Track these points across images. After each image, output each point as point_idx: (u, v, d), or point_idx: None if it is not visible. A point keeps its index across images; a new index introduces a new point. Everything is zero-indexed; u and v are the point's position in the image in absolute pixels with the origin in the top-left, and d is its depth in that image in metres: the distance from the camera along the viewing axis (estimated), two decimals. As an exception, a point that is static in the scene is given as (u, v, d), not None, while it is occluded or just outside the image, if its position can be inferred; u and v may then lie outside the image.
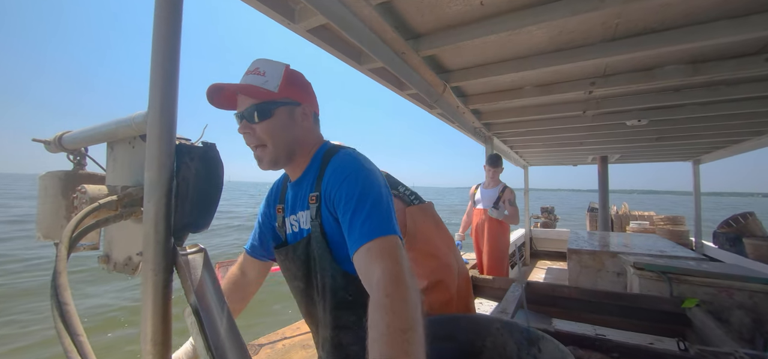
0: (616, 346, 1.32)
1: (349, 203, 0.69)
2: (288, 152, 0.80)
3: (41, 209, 1.07)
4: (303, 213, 0.82)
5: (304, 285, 0.85)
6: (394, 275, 0.57)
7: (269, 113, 0.76)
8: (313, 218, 0.78)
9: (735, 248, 4.96)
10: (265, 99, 0.76)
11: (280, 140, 0.78)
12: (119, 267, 0.92)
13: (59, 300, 0.65)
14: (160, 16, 0.77)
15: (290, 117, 0.79)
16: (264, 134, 0.77)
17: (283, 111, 0.78)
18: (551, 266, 5.84)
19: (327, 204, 0.75)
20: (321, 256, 0.77)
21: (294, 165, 0.84)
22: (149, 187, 0.76)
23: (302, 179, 0.84)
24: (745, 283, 1.93)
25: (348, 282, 0.76)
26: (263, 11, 1.45)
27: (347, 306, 0.78)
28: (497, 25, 1.61)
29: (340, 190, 0.71)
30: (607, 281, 2.95)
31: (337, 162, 0.77)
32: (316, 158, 0.83)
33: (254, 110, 0.76)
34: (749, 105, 2.70)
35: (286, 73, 0.79)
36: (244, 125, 0.78)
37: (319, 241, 0.76)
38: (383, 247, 0.63)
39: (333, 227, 0.75)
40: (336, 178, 0.73)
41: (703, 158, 5.70)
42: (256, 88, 0.76)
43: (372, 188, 0.71)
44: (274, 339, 2.35)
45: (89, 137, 1.03)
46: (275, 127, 0.77)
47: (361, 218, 0.66)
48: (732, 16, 1.56)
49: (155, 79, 0.77)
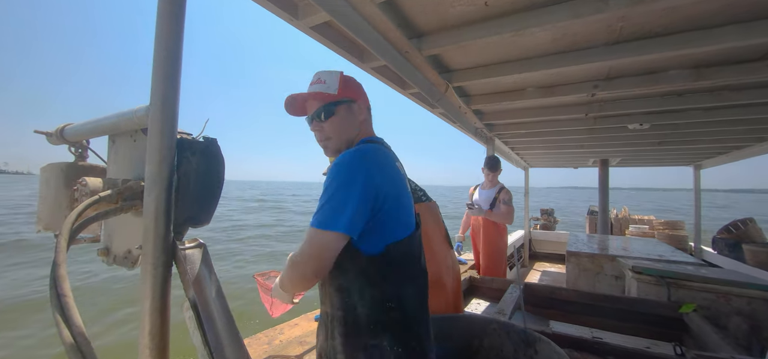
0: (613, 349, 1.32)
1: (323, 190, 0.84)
2: (348, 142, 0.96)
3: (42, 201, 1.07)
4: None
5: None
6: (295, 258, 0.82)
7: (332, 111, 0.94)
8: None
9: (734, 254, 4.96)
10: (329, 100, 0.93)
11: (343, 132, 0.95)
12: (119, 260, 0.92)
13: (58, 292, 0.66)
14: (163, 12, 0.77)
15: (349, 111, 0.96)
16: (330, 128, 0.94)
17: (343, 108, 0.95)
18: (550, 269, 5.84)
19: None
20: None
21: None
22: (150, 181, 0.77)
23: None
24: (743, 289, 1.94)
25: (353, 255, 0.84)
26: (266, 7, 1.45)
27: (346, 276, 0.87)
28: (501, 25, 1.60)
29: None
30: (605, 284, 2.95)
31: (340, 155, 0.88)
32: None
33: (321, 110, 0.94)
34: (752, 111, 2.69)
35: (341, 78, 0.96)
36: (314, 124, 0.96)
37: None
38: (312, 236, 0.79)
39: None
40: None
41: (705, 163, 5.69)
42: (321, 93, 0.93)
43: (336, 180, 0.81)
44: (272, 335, 2.36)
45: (91, 130, 1.03)
46: (338, 121, 0.94)
47: (318, 205, 0.80)
48: (737, 22, 1.56)
49: (157, 74, 0.77)
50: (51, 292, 0.66)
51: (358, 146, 0.91)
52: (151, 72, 0.77)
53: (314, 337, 2.45)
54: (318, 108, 0.94)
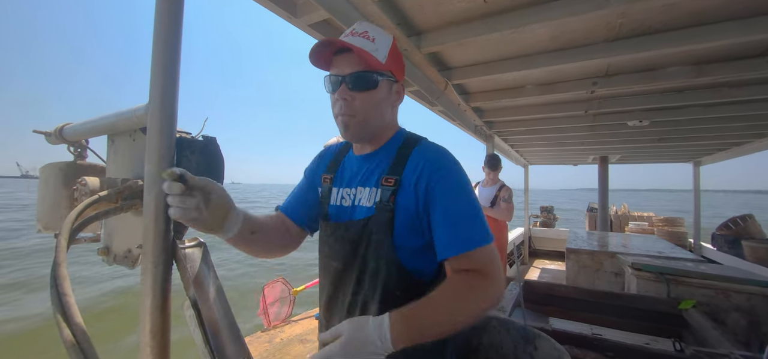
0: (613, 346, 1.33)
1: (452, 202, 0.68)
2: (376, 127, 0.77)
3: (42, 201, 1.07)
4: (365, 190, 0.76)
5: (342, 268, 0.78)
6: (485, 286, 0.65)
7: (375, 82, 0.73)
8: (383, 201, 0.71)
9: (733, 251, 4.97)
10: (374, 68, 0.72)
11: (376, 114, 0.75)
12: (119, 260, 0.92)
13: (59, 291, 0.66)
14: (161, 10, 0.77)
15: (389, 92, 0.77)
16: (361, 103, 0.73)
17: (385, 85, 0.75)
18: (549, 266, 5.85)
19: (416, 192, 0.70)
20: (380, 242, 0.71)
21: (371, 139, 0.80)
22: (149, 180, 0.77)
23: (373, 156, 0.79)
24: (742, 285, 1.94)
25: (402, 277, 0.71)
26: (265, 5, 1.44)
27: (394, 302, 0.69)
28: (500, 23, 1.60)
29: (443, 183, 0.69)
30: (605, 281, 2.96)
31: (435, 152, 0.74)
32: (396, 140, 0.80)
33: (361, 77, 0.71)
34: (752, 107, 2.69)
35: (394, 44, 0.77)
36: (342, 90, 0.72)
37: (382, 227, 0.70)
38: (487, 256, 0.67)
39: (410, 218, 0.70)
40: (437, 168, 0.70)
41: (704, 159, 5.69)
42: (365, 53, 0.70)
43: (470, 189, 0.71)
44: (273, 333, 2.36)
45: (90, 129, 1.03)
46: (376, 99, 0.74)
47: (469, 222, 0.67)
48: (736, 18, 1.55)
49: (156, 73, 0.77)
50: (52, 292, 0.66)
51: (431, 142, 0.78)
52: (150, 70, 0.77)
53: (314, 335, 2.46)
54: (356, 72, 0.72)
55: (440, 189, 0.69)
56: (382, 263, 0.71)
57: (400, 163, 0.74)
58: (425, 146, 0.76)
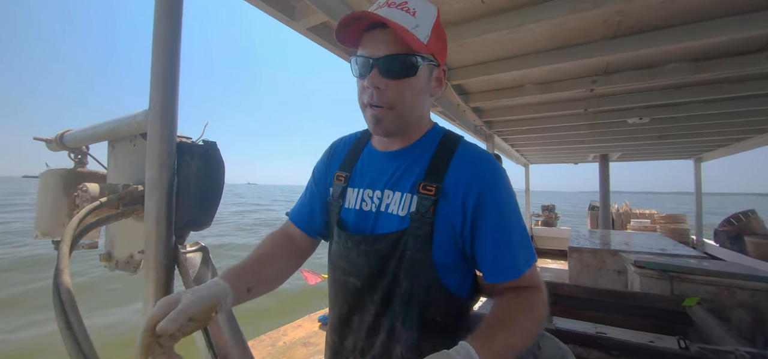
0: (617, 344, 1.32)
1: (504, 222, 0.61)
2: (413, 119, 0.65)
3: (41, 207, 1.07)
4: (395, 195, 0.65)
5: (362, 285, 0.66)
6: (540, 297, 0.62)
7: (414, 68, 0.59)
8: (420, 212, 0.60)
9: (736, 247, 4.95)
10: (415, 50, 0.58)
11: (415, 105, 0.63)
12: (121, 265, 0.92)
13: (62, 298, 0.66)
14: (160, 15, 0.77)
15: (429, 79, 0.64)
16: (396, 94, 0.60)
17: (425, 70, 0.62)
18: (552, 265, 5.84)
19: (464, 205, 0.61)
20: (417, 260, 0.61)
21: (402, 134, 0.68)
22: (150, 185, 0.77)
23: (406, 154, 0.67)
24: (746, 282, 1.93)
25: (442, 297, 0.63)
26: (263, 9, 1.45)
27: (433, 328, 0.63)
28: (498, 22, 1.61)
29: (495, 197, 0.61)
30: (607, 279, 2.95)
31: (483, 162, 0.63)
32: (432, 138, 0.68)
33: (398, 61, 0.58)
34: (752, 103, 2.69)
35: (437, 21, 0.63)
36: (374, 75, 0.59)
37: (420, 241, 0.60)
38: (533, 273, 0.63)
39: (452, 231, 0.61)
40: (489, 179, 0.61)
41: (705, 156, 5.68)
42: (407, 32, 0.57)
43: (517, 204, 0.65)
44: (276, 336, 2.36)
45: (90, 136, 1.03)
46: (415, 88, 0.61)
47: (519, 245, 0.61)
48: (735, 14, 1.55)
49: (156, 78, 0.77)
50: (54, 298, 0.66)
51: (481, 150, 0.67)
52: (150, 76, 0.77)
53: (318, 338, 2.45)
54: (393, 54, 0.58)
55: (490, 206, 0.60)
56: (418, 283, 0.61)
57: (440, 167, 0.63)
58: (469, 150, 0.65)
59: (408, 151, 0.67)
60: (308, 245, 0.81)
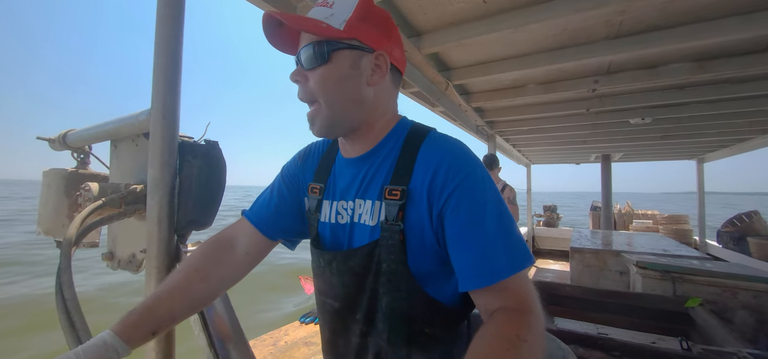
0: (619, 345, 1.32)
1: (478, 216, 0.52)
2: (348, 114, 0.59)
3: (43, 205, 1.08)
4: (366, 204, 0.61)
5: (340, 306, 0.62)
6: (530, 321, 0.49)
7: (325, 56, 0.56)
8: (390, 220, 0.56)
9: (739, 248, 4.93)
10: (324, 37, 0.56)
11: (336, 95, 0.58)
12: (123, 265, 0.92)
13: (64, 297, 0.66)
14: (163, 16, 0.77)
15: (354, 67, 0.57)
16: (315, 84, 0.57)
17: (345, 56, 0.57)
18: (553, 265, 5.82)
19: (430, 205, 0.55)
20: (394, 272, 0.56)
21: (357, 135, 0.63)
22: (152, 185, 0.77)
23: (370, 158, 0.62)
24: (749, 283, 1.92)
25: (428, 308, 0.57)
26: (263, 8, 1.45)
27: (423, 343, 0.58)
28: (500, 22, 1.60)
29: (462, 192, 0.53)
30: (609, 280, 2.94)
31: (451, 152, 0.57)
32: (396, 136, 0.63)
33: (308, 50, 0.57)
34: (755, 103, 2.67)
35: (360, 5, 0.58)
36: (296, 71, 0.60)
37: (394, 251, 0.56)
38: (523, 283, 0.52)
39: (425, 236, 0.56)
40: (453, 173, 0.54)
41: (708, 156, 5.66)
42: (316, 23, 0.56)
43: (499, 197, 0.56)
44: (277, 336, 2.36)
45: (93, 136, 1.04)
46: (330, 76, 0.57)
47: (499, 242, 0.52)
48: (738, 13, 1.55)
49: (158, 78, 0.77)
50: (57, 297, 0.66)
51: (442, 133, 0.61)
52: (152, 76, 0.77)
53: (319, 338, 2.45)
54: (305, 45, 0.58)
55: (459, 200, 0.53)
56: (399, 296, 0.56)
57: (406, 166, 0.58)
58: (436, 141, 0.59)
59: (374, 153, 0.62)
60: (263, 247, 0.70)
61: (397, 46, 0.63)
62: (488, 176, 0.56)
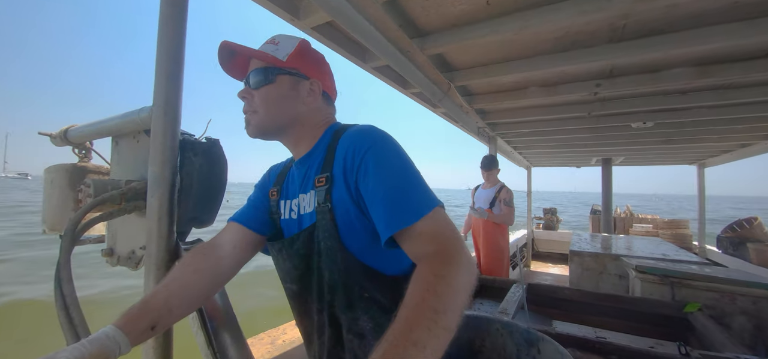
0: (617, 349, 1.32)
1: (379, 177, 0.60)
2: (279, 124, 0.73)
3: (48, 202, 1.08)
4: (305, 196, 0.72)
5: (297, 287, 0.72)
6: (448, 254, 0.53)
7: (270, 78, 0.71)
8: (320, 203, 0.66)
9: (739, 253, 4.92)
10: (270, 64, 0.72)
11: (274, 108, 0.72)
12: (122, 261, 0.92)
13: (63, 292, 0.66)
14: (166, 14, 0.77)
15: (293, 89, 0.73)
16: (260, 99, 0.72)
17: (285, 80, 0.72)
18: (553, 268, 5.82)
19: (346, 182, 0.64)
20: (329, 248, 0.65)
21: (294, 142, 0.76)
22: (153, 182, 0.77)
23: (308, 159, 0.75)
24: (748, 289, 1.92)
25: (365, 277, 0.65)
26: (268, 7, 1.45)
27: (364, 307, 0.65)
28: (503, 24, 1.60)
29: (366, 161, 0.62)
30: (608, 284, 2.93)
31: (355, 133, 0.68)
32: (325, 137, 0.75)
33: (257, 74, 0.72)
34: (757, 109, 2.67)
35: (299, 46, 0.75)
36: (244, 89, 0.74)
37: (326, 230, 0.64)
38: (436, 224, 0.57)
39: (350, 211, 0.64)
40: (358, 148, 0.64)
41: (709, 161, 5.65)
42: (264, 53, 0.72)
43: (402, 156, 0.64)
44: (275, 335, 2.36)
45: (95, 132, 1.04)
46: (272, 94, 0.72)
47: (400, 195, 0.58)
48: (740, 19, 1.54)
49: (160, 75, 0.77)
50: (56, 292, 0.66)
51: (363, 125, 0.71)
52: (154, 73, 0.77)
53: (317, 337, 2.45)
54: (253, 69, 0.73)
55: (365, 165, 0.62)
56: (337, 269, 0.65)
57: (329, 157, 0.69)
58: (350, 130, 0.70)
59: (310, 154, 0.75)
60: (249, 240, 0.77)
61: (328, 78, 0.79)
62: (390, 143, 0.65)
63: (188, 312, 0.68)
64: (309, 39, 0.94)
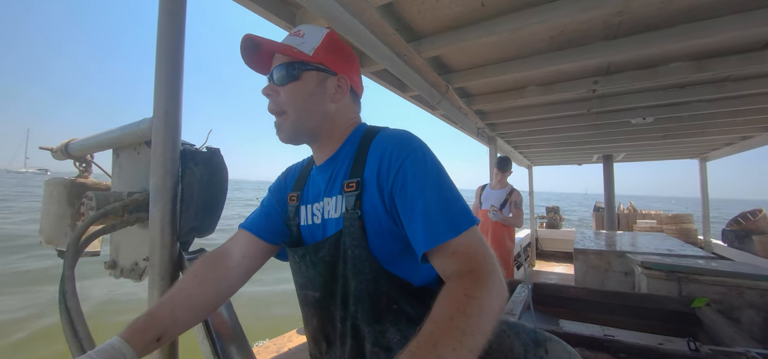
0: (625, 347, 1.31)
1: (418, 189, 0.58)
2: (311, 125, 0.69)
3: (46, 215, 1.08)
4: (331, 200, 0.68)
5: (320, 295, 0.68)
6: (482, 277, 0.51)
7: (296, 75, 0.67)
8: (349, 209, 0.63)
9: (744, 246, 4.88)
10: (296, 59, 0.68)
11: (304, 108, 0.68)
12: (126, 273, 0.92)
13: (68, 306, 0.66)
14: (164, 26, 0.78)
15: (320, 86, 0.69)
16: (286, 97, 0.68)
17: (312, 76, 0.68)
18: (557, 267, 5.79)
19: (380, 189, 0.62)
20: (357, 256, 0.62)
21: (321, 144, 0.72)
22: (155, 193, 0.77)
23: (333, 161, 0.71)
24: (755, 282, 1.90)
25: (393, 287, 0.62)
26: (264, 16, 1.46)
27: (393, 318, 0.62)
28: (498, 24, 1.61)
29: (404, 170, 0.60)
30: (614, 281, 2.91)
31: (393, 139, 0.65)
32: (353, 139, 0.71)
33: (281, 69, 0.68)
34: (756, 100, 2.66)
35: (326, 38, 0.70)
36: (269, 86, 0.70)
37: (356, 237, 0.62)
38: (470, 245, 0.55)
39: (381, 220, 0.62)
40: (396, 155, 0.61)
41: (711, 155, 5.63)
42: (289, 47, 0.67)
43: (441, 170, 0.62)
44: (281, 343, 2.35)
45: (95, 145, 1.04)
46: (299, 92, 0.67)
47: (439, 210, 0.57)
48: (736, 11, 1.55)
49: (160, 86, 0.78)
50: (60, 306, 0.66)
51: (397, 130, 0.68)
52: (154, 84, 0.78)
53: (322, 344, 2.43)
54: (278, 65, 0.68)
55: (403, 175, 0.60)
56: (364, 278, 0.62)
57: (360, 161, 0.66)
58: (384, 135, 0.67)
59: (336, 156, 0.71)
60: (259, 250, 0.75)
61: (356, 73, 0.76)
62: (429, 154, 0.63)
63: (194, 322, 0.67)
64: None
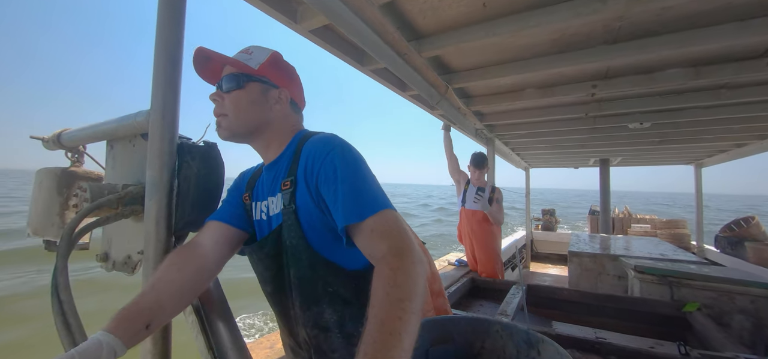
0: (616, 349, 1.32)
1: (337, 178, 0.65)
2: (248, 128, 0.78)
3: (34, 205, 1.07)
4: (274, 199, 0.76)
5: (272, 288, 0.78)
6: (399, 249, 0.57)
7: (240, 84, 0.76)
8: (285, 205, 0.71)
9: (737, 252, 4.94)
10: (242, 72, 0.77)
11: (243, 113, 0.76)
12: (118, 266, 0.92)
13: (60, 298, 0.65)
14: (163, 17, 0.77)
15: (262, 95, 0.78)
16: (230, 103, 0.76)
17: (255, 87, 0.77)
18: (552, 269, 5.82)
19: (308, 185, 0.70)
20: (295, 246, 0.70)
21: (264, 145, 0.81)
22: (151, 186, 0.77)
23: (276, 163, 0.80)
24: (746, 287, 1.93)
25: (329, 271, 0.70)
26: (265, 11, 1.45)
27: (329, 300, 0.71)
28: (499, 26, 1.61)
29: (325, 165, 0.67)
30: (607, 284, 2.94)
31: (317, 141, 0.73)
32: (292, 144, 0.80)
33: (230, 80, 0.76)
34: (752, 109, 2.69)
35: (271, 57, 0.80)
36: (216, 92, 0.78)
37: (292, 229, 0.70)
38: (386, 222, 0.61)
39: (312, 212, 0.69)
40: (319, 154, 0.69)
41: (706, 161, 5.68)
42: (237, 61, 0.77)
43: (359, 162, 0.69)
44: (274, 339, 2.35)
45: (89, 135, 1.03)
46: (242, 99, 0.76)
47: (356, 193, 0.63)
48: (734, 20, 1.56)
49: (158, 79, 0.77)
50: (52, 298, 0.66)
51: (325, 133, 0.76)
52: (152, 77, 0.77)
53: (316, 341, 2.42)
54: (225, 75, 0.77)
55: (325, 170, 0.67)
56: (303, 264, 0.70)
57: (294, 162, 0.74)
58: (313, 138, 0.75)
59: (279, 159, 0.79)
60: (228, 236, 0.79)
61: (298, 88, 0.85)
62: (348, 151, 0.69)
63: (180, 308, 0.70)
64: (307, 42, 0.95)
